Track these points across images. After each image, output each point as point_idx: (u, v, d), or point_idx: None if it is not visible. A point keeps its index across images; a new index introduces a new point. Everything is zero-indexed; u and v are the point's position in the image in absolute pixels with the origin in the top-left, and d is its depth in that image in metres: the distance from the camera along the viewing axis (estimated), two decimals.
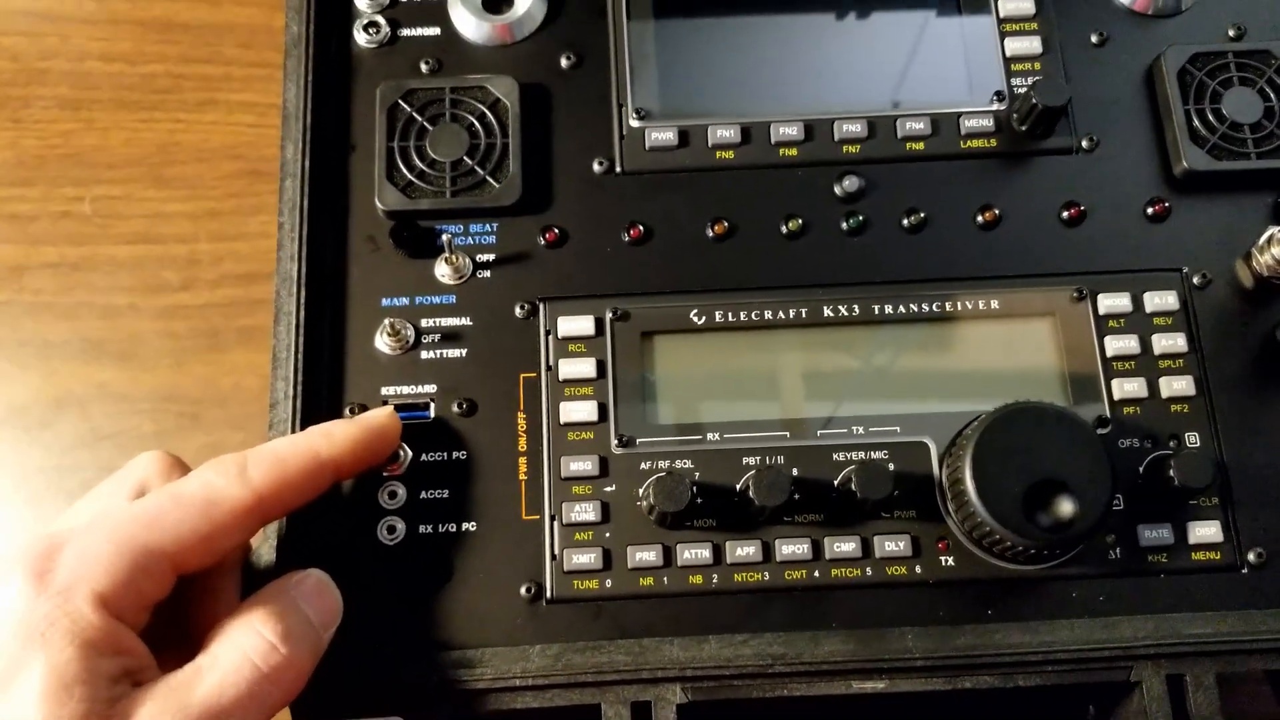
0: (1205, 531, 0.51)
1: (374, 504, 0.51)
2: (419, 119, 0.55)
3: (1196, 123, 0.56)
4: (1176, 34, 0.58)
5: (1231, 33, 0.59)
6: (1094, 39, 0.58)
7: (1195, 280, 0.54)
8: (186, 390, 0.68)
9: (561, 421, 0.52)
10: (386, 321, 0.52)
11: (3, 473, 0.66)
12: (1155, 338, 0.53)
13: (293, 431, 0.50)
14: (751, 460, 0.51)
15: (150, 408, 0.67)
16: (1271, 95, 0.56)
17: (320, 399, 0.52)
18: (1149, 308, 0.54)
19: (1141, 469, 0.51)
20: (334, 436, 0.47)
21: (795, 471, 0.51)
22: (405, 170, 0.55)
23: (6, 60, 0.73)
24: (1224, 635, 0.49)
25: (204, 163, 0.72)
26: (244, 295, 0.69)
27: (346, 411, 0.52)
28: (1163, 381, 0.53)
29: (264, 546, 0.49)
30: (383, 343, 0.53)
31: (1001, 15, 0.58)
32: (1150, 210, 0.55)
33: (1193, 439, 0.52)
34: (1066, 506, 0.47)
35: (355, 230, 0.55)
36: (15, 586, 0.40)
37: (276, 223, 0.54)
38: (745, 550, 0.50)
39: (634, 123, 0.56)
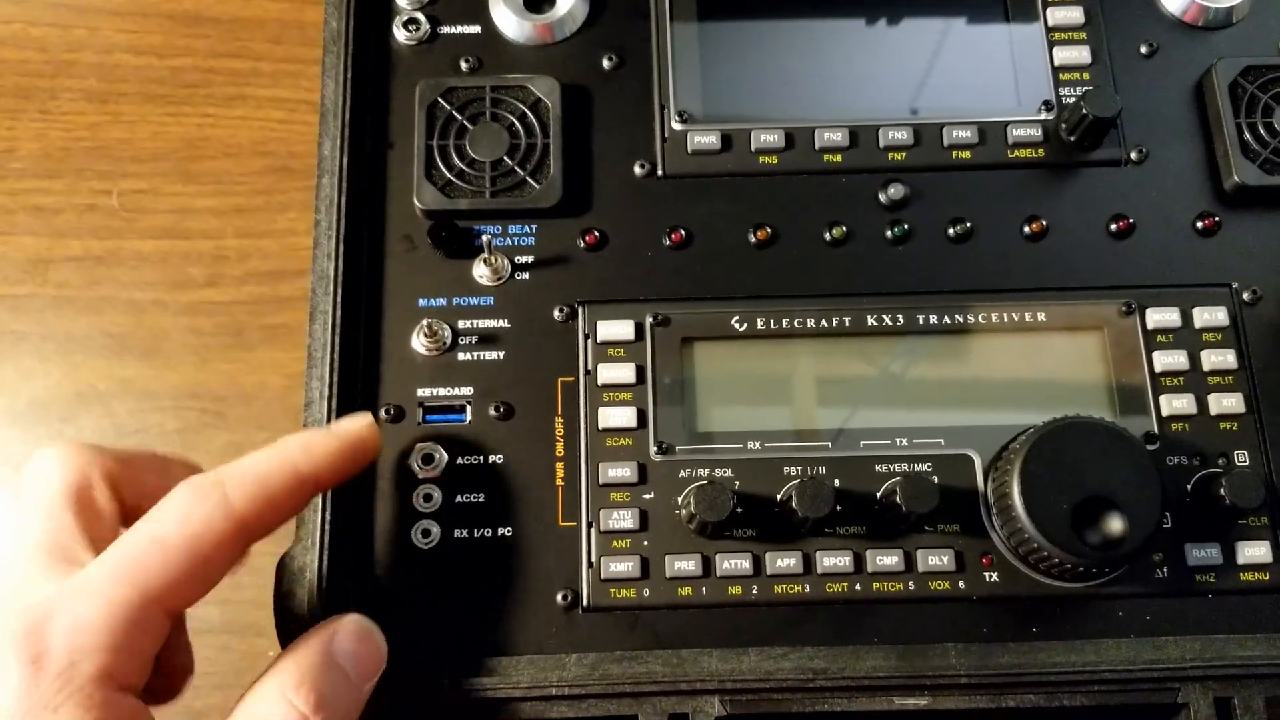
0: (1255, 552, 0.50)
1: (409, 506, 0.50)
2: (459, 118, 0.55)
3: (1248, 136, 0.55)
4: (1227, 46, 0.58)
5: None
6: (1143, 50, 0.58)
7: (1245, 296, 0.53)
8: (211, 387, 0.67)
9: (600, 427, 0.51)
10: (424, 322, 0.52)
11: (22, 468, 0.65)
12: (1204, 354, 0.52)
13: None
14: (792, 470, 0.50)
15: (173, 405, 0.67)
16: None
17: (355, 400, 0.51)
18: (1198, 323, 0.53)
19: (1190, 487, 0.51)
20: (313, 450, 0.44)
21: (837, 482, 0.50)
22: (444, 169, 0.54)
23: (35, 51, 0.72)
24: (1273, 658, 0.48)
25: (232, 158, 0.71)
26: (270, 293, 0.68)
27: (382, 413, 0.51)
28: (1212, 398, 0.52)
29: (297, 548, 0.48)
30: (419, 343, 0.52)
31: (1050, 24, 0.58)
32: (1200, 224, 0.55)
33: (1242, 457, 0.51)
34: (1116, 524, 0.46)
35: (393, 229, 0.54)
36: (10, 675, 0.36)
37: (305, 220, 0.53)
38: (786, 562, 0.49)
39: (676, 125, 0.55)
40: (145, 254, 0.69)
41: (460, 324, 0.53)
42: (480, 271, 0.53)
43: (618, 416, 0.51)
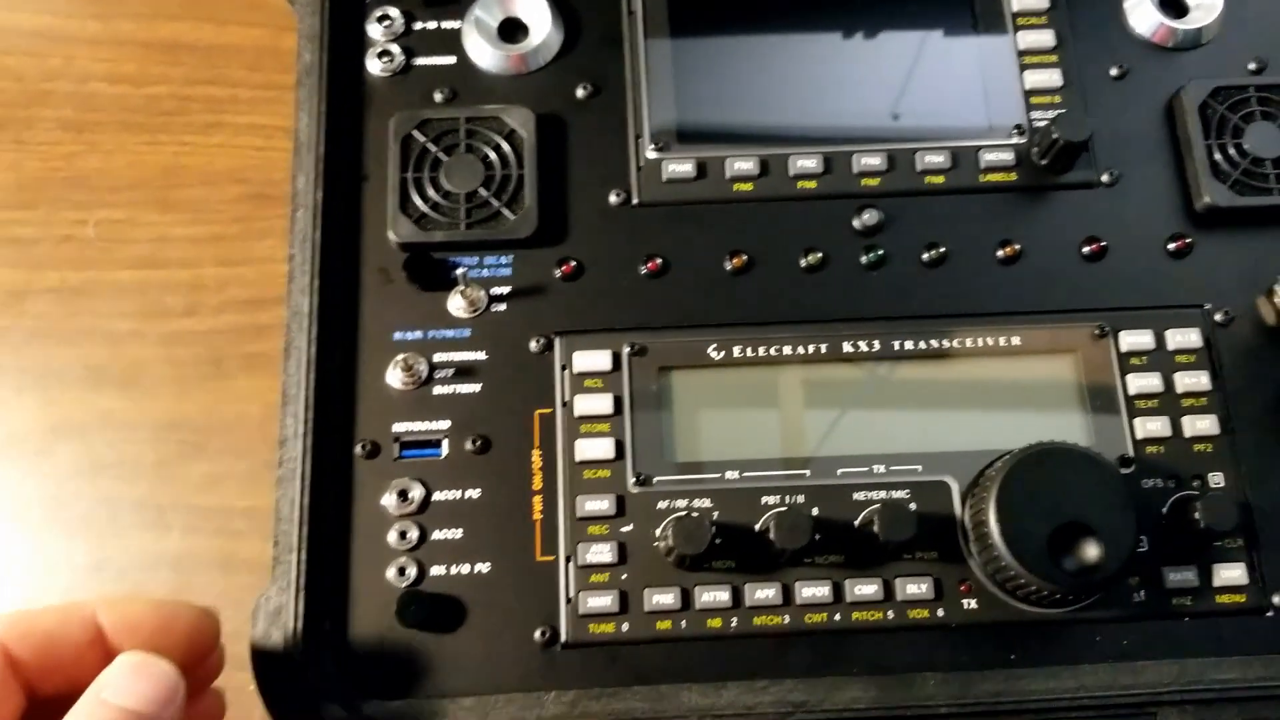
0: (1230, 574, 0.50)
1: (385, 544, 0.50)
2: (433, 149, 0.55)
3: (1218, 157, 0.55)
4: (1197, 67, 0.58)
5: (1253, 66, 0.58)
6: (1114, 72, 0.58)
7: (1218, 317, 0.54)
8: (189, 418, 0.66)
9: (577, 459, 0.51)
10: (399, 356, 0.51)
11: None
12: (1178, 376, 0.52)
13: (301, 473, 0.49)
14: (771, 499, 0.50)
15: (152, 435, 0.66)
16: None
17: (331, 436, 0.51)
18: (1171, 345, 0.53)
19: (1165, 510, 0.51)
20: (116, 605, 0.41)
21: (815, 511, 0.50)
22: (419, 201, 0.54)
23: (10, 80, 0.72)
24: (1250, 681, 0.48)
25: (209, 186, 0.70)
26: (249, 321, 0.68)
27: (359, 449, 0.51)
28: (1186, 421, 0.52)
29: (273, 589, 0.48)
30: (395, 378, 0.52)
31: (1021, 47, 0.58)
32: (1172, 246, 0.55)
33: (1216, 479, 0.51)
34: (1092, 551, 0.46)
35: (368, 262, 0.54)
36: None
37: (283, 247, 0.53)
38: (765, 593, 0.49)
39: (651, 154, 0.55)
40: (123, 284, 0.68)
41: (436, 357, 0.52)
42: (456, 304, 0.53)
43: (595, 448, 0.51)
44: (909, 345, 0.53)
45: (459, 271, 0.52)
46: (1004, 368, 0.53)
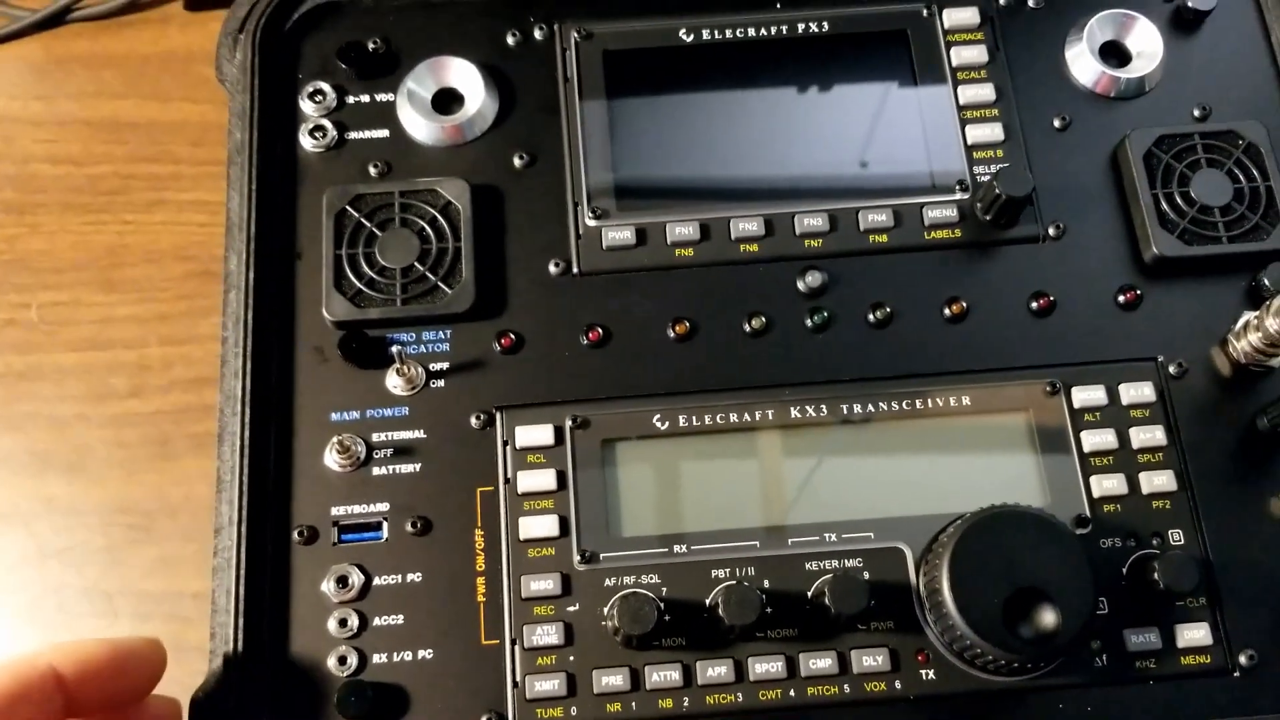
0: (1194, 634, 0.49)
1: (325, 633, 0.49)
2: (368, 224, 0.54)
3: (1165, 207, 0.55)
4: (1141, 116, 0.57)
5: (1197, 113, 0.58)
6: (1056, 123, 0.58)
7: (1171, 369, 0.53)
8: (137, 501, 0.65)
9: (521, 537, 0.50)
10: (335, 439, 0.50)
11: None
12: (1133, 431, 0.52)
13: (237, 563, 0.48)
14: (721, 573, 0.49)
15: (99, 521, 0.65)
16: (1240, 176, 0.55)
17: (267, 523, 0.50)
18: (1125, 399, 0.52)
19: (1125, 570, 0.50)
20: (68, 650, 0.40)
21: (766, 584, 0.49)
22: (354, 278, 0.53)
23: None
24: None
25: (153, 264, 0.69)
26: (196, 401, 0.67)
27: (295, 535, 0.50)
28: (1143, 477, 0.51)
29: (211, 682, 0.46)
30: (332, 460, 0.51)
31: (961, 103, 0.57)
32: (1121, 298, 0.54)
33: (1176, 536, 0.50)
34: (1049, 617, 0.45)
35: (302, 342, 0.53)
36: None
37: None
38: (717, 670, 0.48)
39: (590, 221, 0.55)
40: (67, 367, 0.67)
41: (375, 437, 0.51)
42: (394, 382, 0.52)
43: (539, 525, 0.50)
44: (858, 409, 0.52)
45: (395, 349, 0.51)
46: (956, 428, 0.52)
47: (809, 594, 0.49)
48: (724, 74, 0.58)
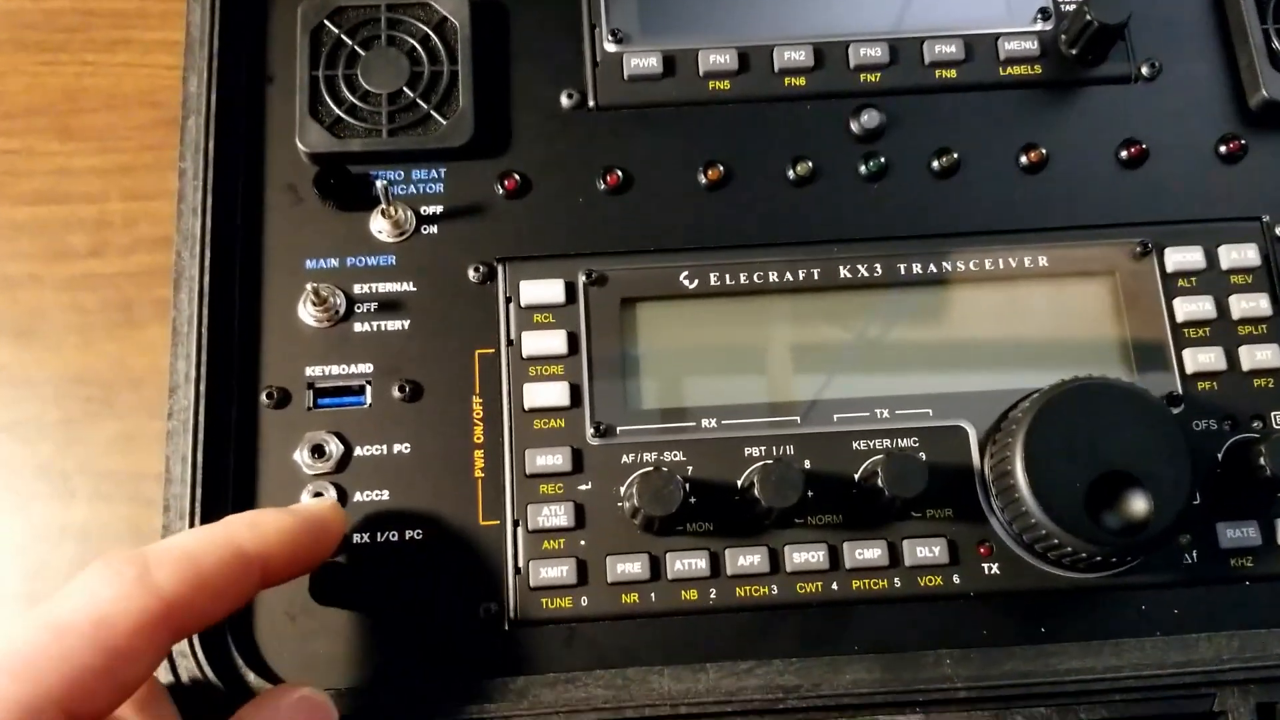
0: None
1: None
2: (349, 42, 0.49)
3: (1277, 44, 0.50)
4: None
5: None
6: None
7: (1278, 230, 0.49)
8: (96, 372, 0.62)
9: (526, 407, 0.46)
10: (310, 287, 0.46)
11: None
12: (1233, 299, 0.48)
13: (194, 426, 0.44)
14: (755, 451, 0.45)
15: (54, 392, 0.61)
16: None
17: (229, 382, 0.45)
18: (1225, 264, 0.48)
19: (1221, 456, 0.46)
20: (261, 527, 0.39)
21: (807, 464, 0.45)
22: (332, 104, 0.48)
23: None
24: None
25: (116, 110, 0.65)
26: (162, 262, 0.62)
27: (263, 397, 0.45)
28: (1243, 351, 0.47)
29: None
30: (307, 313, 0.47)
31: None
32: (1223, 149, 0.50)
33: (1279, 419, 0.47)
34: (1138, 505, 0.41)
35: (273, 178, 0.48)
36: None
37: None
38: (749, 559, 0.44)
39: (610, 47, 0.50)
40: (19, 223, 0.63)
41: (356, 288, 0.47)
42: (378, 225, 0.48)
43: (547, 394, 0.46)
44: (916, 269, 0.48)
45: (380, 186, 0.46)
46: (1029, 294, 0.48)
47: (856, 476, 0.45)
48: None
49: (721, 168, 0.49)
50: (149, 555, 0.36)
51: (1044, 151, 0.49)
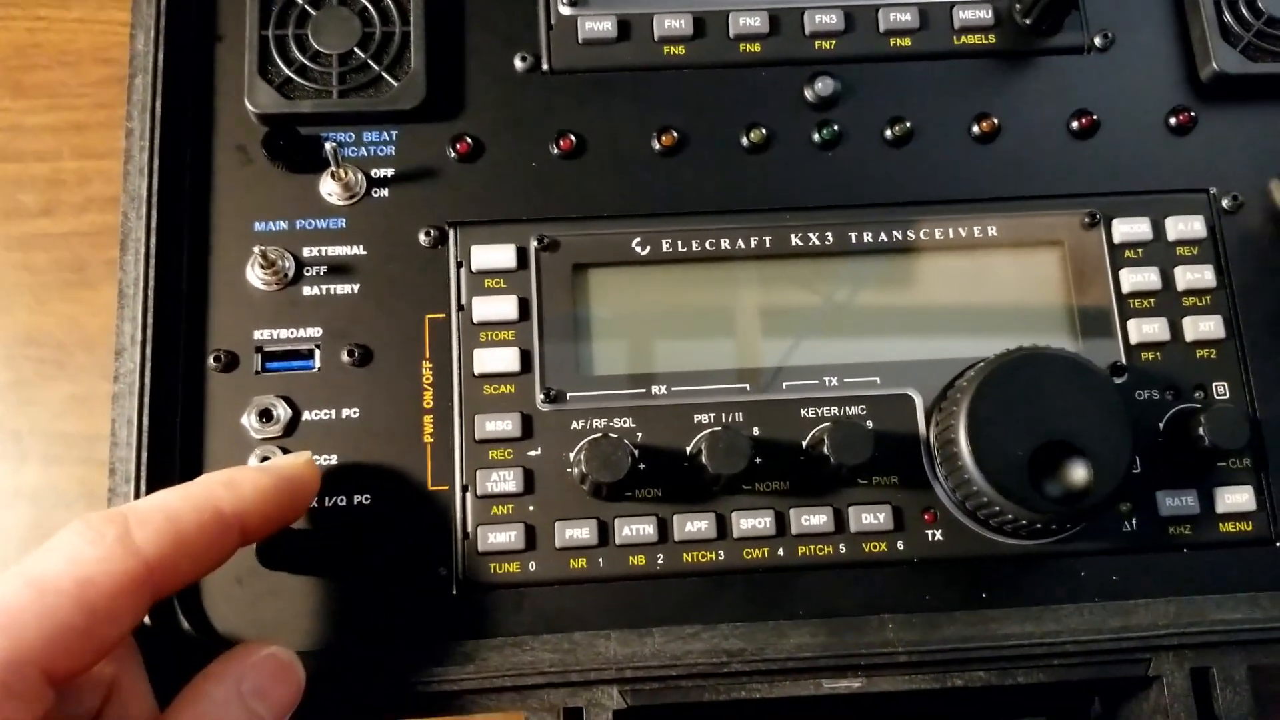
0: (1236, 499, 0.45)
1: None
2: (299, 2, 0.48)
3: (1228, 17, 0.50)
4: None
5: None
6: None
7: (1225, 203, 0.48)
8: (48, 332, 0.61)
9: (476, 372, 0.45)
10: (258, 250, 0.45)
11: None
12: (1179, 270, 0.47)
13: (140, 389, 0.43)
14: (704, 418, 0.45)
15: (4, 353, 0.61)
16: None
17: (176, 345, 0.44)
18: (1171, 235, 0.48)
19: (1162, 425, 0.46)
20: (238, 486, 0.38)
21: (756, 431, 0.45)
22: (282, 64, 0.47)
23: None
24: (1258, 621, 0.44)
25: (68, 67, 0.64)
26: (115, 221, 0.59)
27: (210, 360, 0.44)
28: (1187, 322, 0.47)
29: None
30: (255, 276, 0.46)
31: None
32: (1173, 120, 0.49)
33: (1221, 389, 0.47)
34: (1079, 473, 0.41)
35: (222, 139, 0.47)
36: None
37: None
38: (696, 525, 0.44)
39: (564, 9, 0.49)
40: None
41: (305, 251, 0.46)
42: (329, 188, 0.47)
43: (497, 359, 0.45)
44: (867, 238, 0.47)
45: (329, 148, 0.45)
46: (977, 263, 0.48)
47: (804, 443, 0.45)
48: None
49: (675, 134, 0.48)
50: (129, 516, 0.35)
51: (996, 121, 0.48)
